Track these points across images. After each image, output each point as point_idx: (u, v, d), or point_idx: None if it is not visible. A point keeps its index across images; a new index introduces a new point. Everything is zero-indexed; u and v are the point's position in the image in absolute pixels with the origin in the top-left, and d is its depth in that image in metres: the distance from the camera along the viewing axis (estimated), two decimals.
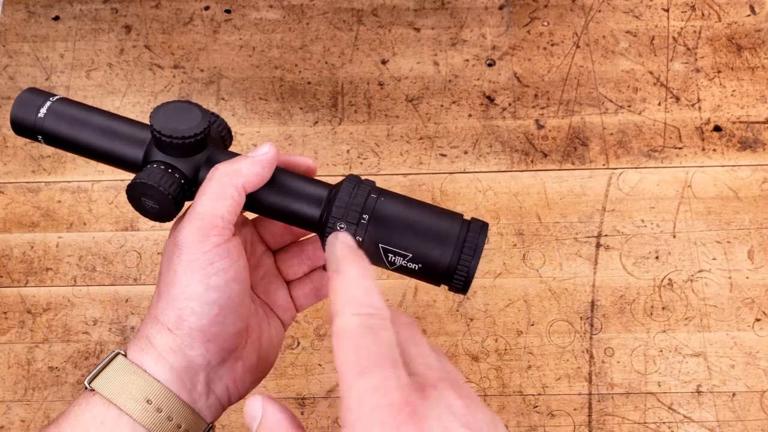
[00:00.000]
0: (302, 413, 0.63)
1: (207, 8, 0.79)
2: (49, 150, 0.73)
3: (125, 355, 0.36)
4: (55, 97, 0.40)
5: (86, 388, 0.35)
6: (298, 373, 0.64)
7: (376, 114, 0.74)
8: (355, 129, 0.73)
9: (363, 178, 0.38)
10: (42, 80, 0.76)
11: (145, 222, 0.70)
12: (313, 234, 0.42)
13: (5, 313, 0.67)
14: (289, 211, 0.38)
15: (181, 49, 0.77)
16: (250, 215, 0.42)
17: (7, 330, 0.66)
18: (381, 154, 0.72)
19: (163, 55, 0.77)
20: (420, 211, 0.37)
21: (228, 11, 0.78)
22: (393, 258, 0.36)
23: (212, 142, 0.40)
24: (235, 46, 0.77)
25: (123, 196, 0.71)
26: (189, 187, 0.38)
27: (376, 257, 0.37)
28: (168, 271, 0.36)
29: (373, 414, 0.24)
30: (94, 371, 0.36)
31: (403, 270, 0.37)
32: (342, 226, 0.36)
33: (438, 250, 0.36)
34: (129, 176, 0.72)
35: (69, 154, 0.73)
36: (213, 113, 0.41)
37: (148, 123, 0.38)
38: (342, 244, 0.32)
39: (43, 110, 0.38)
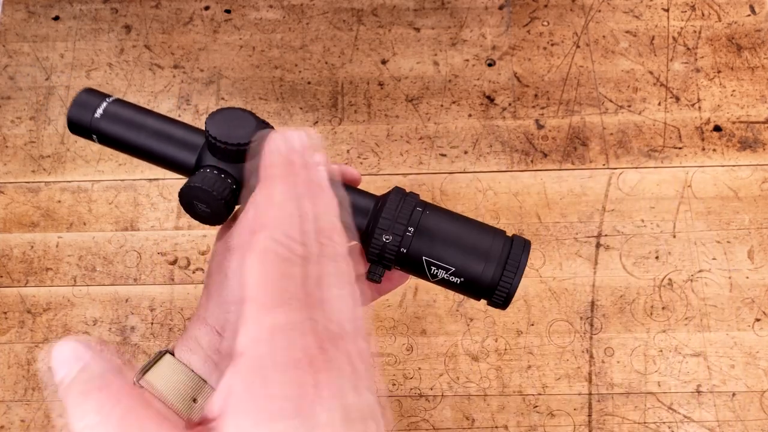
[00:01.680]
0: None
1: (207, 8, 0.79)
2: (49, 150, 0.73)
3: (173, 354, 0.37)
4: (111, 98, 0.41)
5: (134, 384, 0.36)
6: None
7: (376, 114, 0.74)
8: (355, 129, 0.73)
9: (408, 191, 0.40)
10: (42, 80, 0.76)
11: (145, 222, 0.70)
12: (355, 243, 0.43)
13: (5, 313, 0.67)
14: None
15: (181, 49, 0.77)
16: None
17: (7, 330, 0.66)
18: (381, 153, 0.72)
19: (163, 55, 0.77)
20: (463, 225, 0.38)
21: (228, 11, 0.78)
22: (436, 271, 0.37)
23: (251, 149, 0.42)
24: (235, 46, 0.77)
25: (123, 196, 0.71)
26: (239, 192, 0.39)
27: (419, 269, 0.38)
28: (218, 273, 0.36)
29: (286, 354, 0.22)
30: (142, 367, 0.36)
31: (444, 283, 0.38)
32: (388, 237, 0.37)
33: (481, 266, 0.37)
34: (129, 176, 0.72)
35: (68, 154, 0.73)
36: (265, 121, 0.42)
37: (203, 128, 0.40)
38: (284, 150, 0.28)
39: (100, 111, 0.40)
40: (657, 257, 0.68)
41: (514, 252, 0.37)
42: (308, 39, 0.77)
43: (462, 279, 0.37)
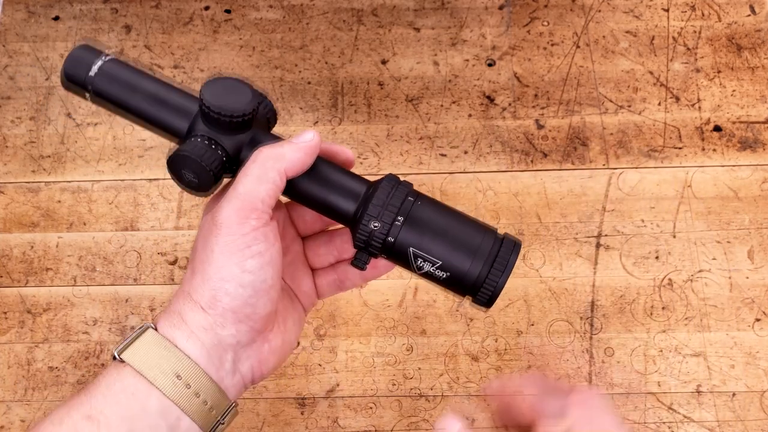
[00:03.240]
0: (302, 413, 0.63)
1: (207, 8, 0.79)
2: (49, 150, 0.73)
3: (155, 329, 0.36)
4: (108, 57, 0.40)
5: (115, 358, 0.36)
6: (298, 373, 0.64)
7: (376, 114, 0.74)
8: (355, 129, 0.73)
9: (402, 179, 0.39)
10: (42, 80, 0.76)
11: (145, 222, 0.70)
12: (344, 226, 0.42)
13: (5, 313, 0.67)
14: (325, 202, 0.39)
15: (181, 49, 0.77)
16: (284, 199, 0.42)
17: (7, 330, 0.66)
18: (381, 154, 0.72)
19: (163, 55, 0.77)
20: (455, 220, 0.37)
21: (228, 11, 0.78)
22: (421, 263, 0.37)
23: (257, 122, 0.40)
24: (235, 46, 0.77)
25: (123, 196, 0.71)
26: (229, 164, 0.38)
27: (405, 260, 0.37)
28: (204, 249, 0.36)
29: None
30: (125, 343, 0.36)
31: (429, 276, 0.37)
32: (376, 225, 0.36)
33: (468, 262, 0.36)
34: (129, 176, 0.72)
35: (68, 154, 0.73)
36: (261, 93, 0.41)
37: (198, 95, 0.38)
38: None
39: (95, 68, 0.39)
40: (657, 257, 0.68)
41: (503, 251, 0.36)
42: (308, 39, 0.77)
43: (448, 273, 0.37)
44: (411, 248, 0.37)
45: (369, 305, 0.67)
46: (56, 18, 0.79)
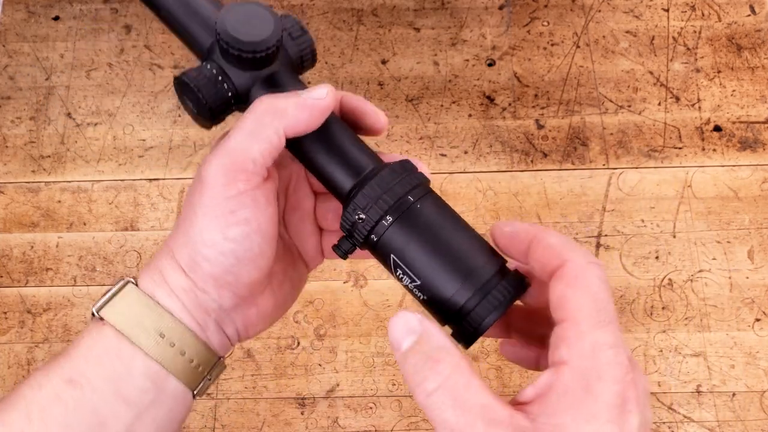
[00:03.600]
0: (302, 413, 0.63)
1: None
2: (49, 150, 0.73)
3: (136, 284, 0.34)
4: None
5: (94, 315, 0.33)
6: (298, 373, 0.64)
7: None
8: None
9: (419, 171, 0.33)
10: (42, 80, 0.76)
11: (145, 222, 0.70)
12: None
13: (5, 313, 0.67)
14: (322, 171, 0.34)
15: (181, 49, 0.77)
16: None
17: (7, 330, 0.66)
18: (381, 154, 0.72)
19: (163, 55, 0.77)
20: (457, 235, 0.31)
21: None
22: (401, 275, 0.31)
23: (285, 60, 0.34)
24: None
25: (123, 196, 0.71)
26: (237, 103, 0.34)
27: (387, 265, 0.32)
28: (189, 206, 0.33)
29: (608, 368, 0.26)
30: (104, 299, 0.33)
31: (410, 292, 0.32)
32: (362, 217, 0.31)
33: (454, 288, 0.30)
34: (129, 176, 0.72)
35: (68, 154, 0.73)
36: (301, 27, 0.35)
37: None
38: None
39: None
40: (657, 257, 0.68)
41: (504, 285, 0.30)
42: None
43: (425, 297, 0.31)
44: (392, 255, 0.31)
45: (369, 305, 0.67)
46: (56, 18, 0.79)
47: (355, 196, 0.32)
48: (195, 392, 0.34)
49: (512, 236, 0.31)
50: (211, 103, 0.33)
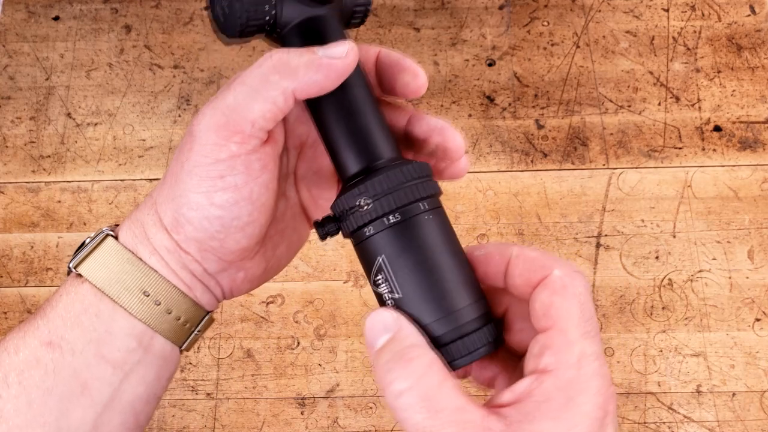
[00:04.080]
0: (302, 413, 0.63)
1: (207, 8, 0.79)
2: (49, 150, 0.73)
3: (116, 238, 0.31)
4: None
5: (71, 271, 0.31)
6: (298, 373, 0.64)
7: None
8: None
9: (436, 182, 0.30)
10: (42, 80, 0.76)
11: None
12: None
13: (5, 313, 0.67)
14: (331, 141, 0.30)
15: (181, 49, 0.77)
16: None
17: (7, 330, 0.66)
18: None
19: (163, 55, 0.77)
20: (455, 260, 0.29)
21: None
22: (381, 281, 0.29)
23: (338, 7, 0.31)
24: (235, 46, 0.77)
25: (123, 196, 0.71)
26: (271, 30, 0.31)
27: (367, 265, 0.29)
28: (177, 160, 0.30)
29: (593, 379, 0.26)
30: (82, 253, 0.31)
31: (381, 301, 0.29)
32: (365, 204, 0.28)
33: (436, 316, 0.28)
34: (129, 176, 0.72)
35: (68, 154, 0.73)
36: None
37: None
38: None
39: None
40: (657, 257, 0.68)
41: (479, 335, 0.28)
42: None
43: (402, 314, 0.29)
44: (381, 257, 0.28)
45: (369, 305, 0.67)
46: (56, 18, 0.79)
47: (364, 181, 0.28)
48: (183, 348, 0.33)
49: (486, 259, 0.29)
50: (247, 15, 0.29)
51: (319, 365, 0.65)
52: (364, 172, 0.29)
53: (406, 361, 0.26)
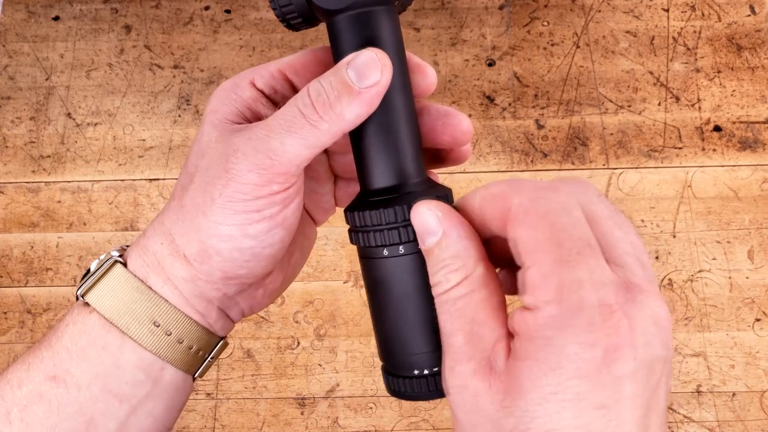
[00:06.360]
0: (302, 413, 0.63)
1: (207, 8, 0.79)
2: (49, 150, 0.73)
3: (125, 265, 0.30)
4: None
5: (78, 298, 0.30)
6: (298, 373, 0.64)
7: None
8: None
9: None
10: (42, 80, 0.76)
11: (145, 222, 0.70)
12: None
13: (5, 313, 0.67)
14: (361, 148, 0.29)
15: (181, 49, 0.77)
16: None
17: (7, 330, 0.66)
18: None
19: (163, 55, 0.77)
20: (428, 311, 0.28)
21: (228, 11, 0.78)
22: (371, 299, 0.30)
23: None
24: (235, 46, 0.77)
25: (123, 196, 0.71)
26: (308, 21, 0.30)
27: (361, 253, 0.29)
28: (203, 189, 0.28)
29: (580, 313, 0.22)
30: (90, 281, 0.30)
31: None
32: (387, 226, 0.28)
33: (396, 346, 0.28)
34: (129, 176, 0.72)
35: (68, 154, 0.73)
36: None
37: None
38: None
39: None
40: (657, 257, 0.68)
41: (418, 382, 0.28)
42: (308, 39, 0.77)
43: (377, 334, 0.30)
44: (380, 283, 0.29)
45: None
46: (56, 18, 0.79)
47: (395, 202, 0.28)
48: (196, 375, 0.32)
49: (465, 215, 0.28)
50: (285, 9, 0.29)
51: (319, 365, 0.65)
52: (393, 191, 0.29)
53: (448, 271, 0.26)
